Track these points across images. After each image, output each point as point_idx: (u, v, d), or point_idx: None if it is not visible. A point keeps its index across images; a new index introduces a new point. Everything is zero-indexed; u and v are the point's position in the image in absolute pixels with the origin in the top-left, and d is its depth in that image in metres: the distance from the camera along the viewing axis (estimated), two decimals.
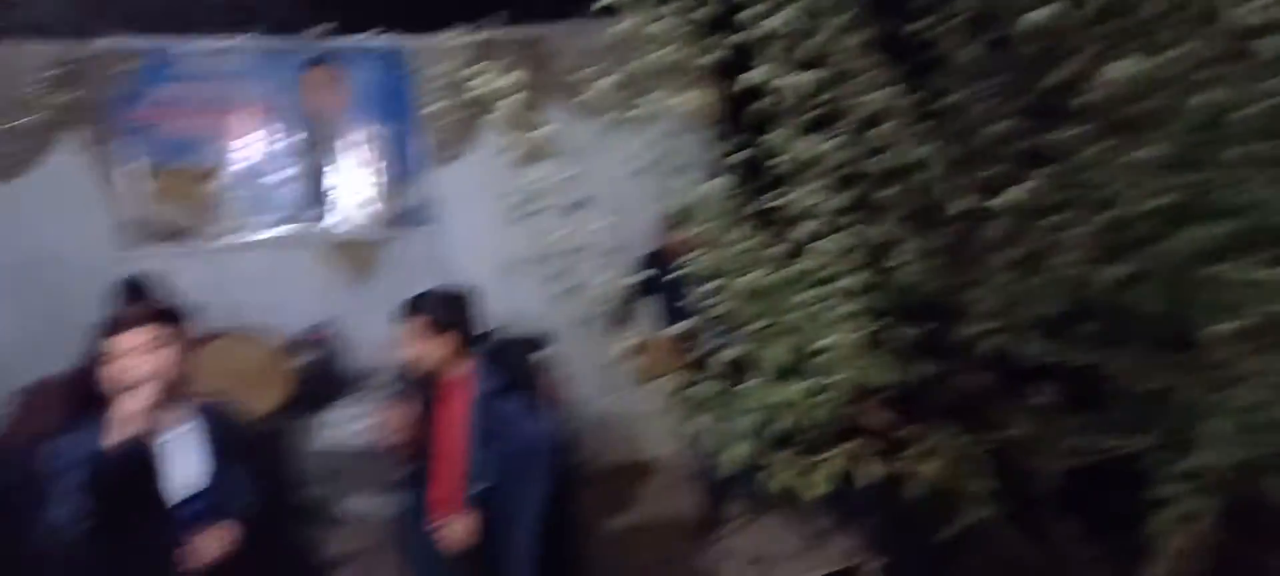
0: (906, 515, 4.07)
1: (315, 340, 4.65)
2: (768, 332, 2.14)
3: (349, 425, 4.51)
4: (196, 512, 2.54)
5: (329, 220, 4.94)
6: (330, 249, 4.96)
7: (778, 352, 2.13)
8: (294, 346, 4.56)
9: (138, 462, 2.38)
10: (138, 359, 2.41)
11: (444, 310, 2.81)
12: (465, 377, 2.80)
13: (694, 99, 2.09)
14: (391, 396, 2.87)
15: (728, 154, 2.14)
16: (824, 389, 2.05)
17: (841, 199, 1.97)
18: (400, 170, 4.98)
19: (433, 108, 4.88)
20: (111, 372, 2.43)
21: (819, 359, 2.07)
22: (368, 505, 4.70)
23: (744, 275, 2.12)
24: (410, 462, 2.93)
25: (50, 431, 3.49)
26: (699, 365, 2.25)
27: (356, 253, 4.97)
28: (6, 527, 3.55)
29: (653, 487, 5.01)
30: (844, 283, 2.02)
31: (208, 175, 4.75)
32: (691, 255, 2.20)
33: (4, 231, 4.53)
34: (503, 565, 2.68)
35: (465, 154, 5.02)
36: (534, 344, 4.37)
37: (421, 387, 2.84)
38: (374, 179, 4.95)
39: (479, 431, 2.73)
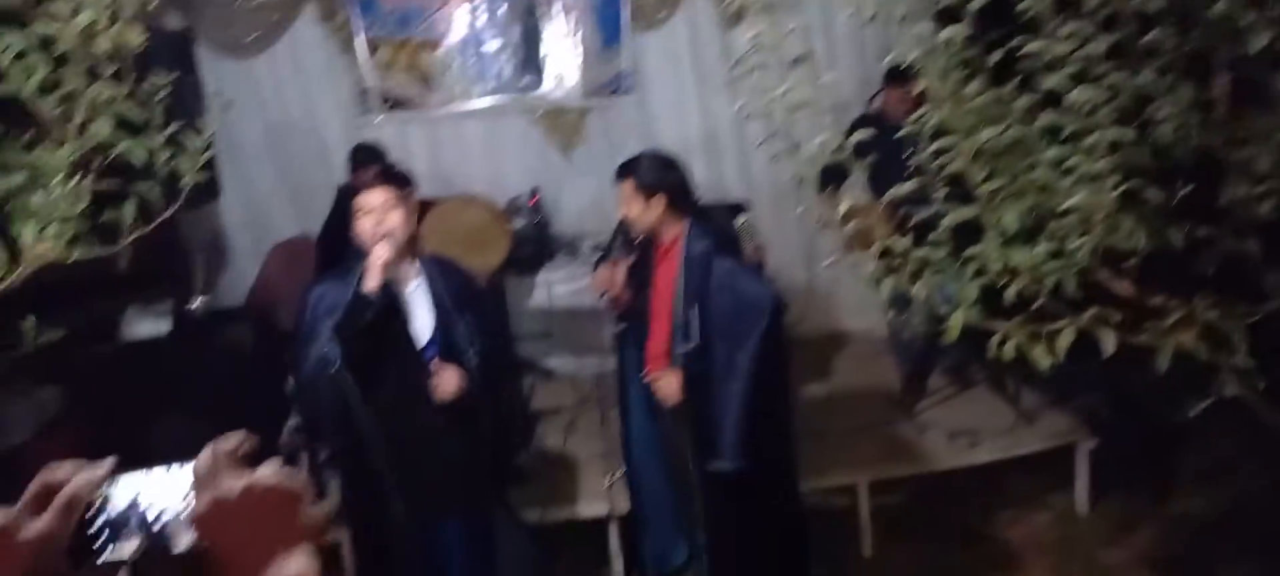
0: (1127, 395, 3.87)
1: (528, 205, 4.86)
2: (1003, 193, 2.02)
3: (557, 287, 4.73)
4: (430, 358, 2.78)
5: (540, 89, 5.07)
6: (541, 116, 5.11)
7: (1013, 215, 2.02)
8: (509, 210, 4.79)
9: (389, 305, 2.62)
10: (382, 215, 2.63)
11: (651, 174, 2.86)
12: (676, 239, 2.86)
13: None
14: (610, 255, 2.98)
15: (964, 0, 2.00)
16: (1065, 253, 1.94)
17: (1099, 44, 1.80)
18: (607, 38, 5.00)
19: None
20: (362, 227, 2.65)
21: (1061, 221, 1.95)
22: (573, 364, 4.98)
23: (979, 132, 2.01)
24: (627, 319, 3.05)
25: (304, 281, 3.89)
26: (921, 229, 2.17)
27: (565, 120, 5.10)
28: (276, 362, 4.03)
29: (849, 357, 4.99)
30: (1094, 138, 1.87)
31: (430, 46, 4.98)
32: (918, 112, 2.10)
33: (255, 100, 4.96)
34: (714, 420, 2.78)
35: (669, 21, 4.98)
36: (735, 210, 4.38)
37: (639, 247, 2.93)
38: (581, 47, 5.01)
39: (689, 290, 2.79)
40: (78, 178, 2.02)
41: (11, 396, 3.80)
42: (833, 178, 2.73)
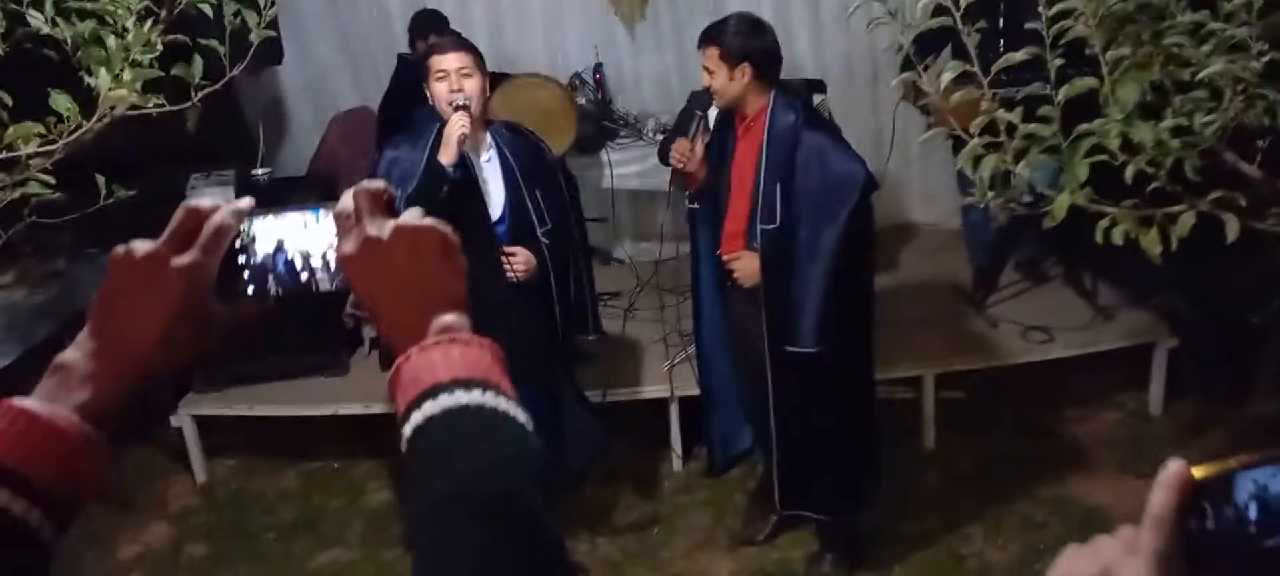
0: (1209, 293, 3.71)
1: (592, 80, 4.72)
2: (1128, 62, 1.87)
3: (619, 167, 4.61)
4: (502, 234, 2.72)
5: None
6: None
7: (1134, 87, 1.87)
8: (571, 86, 4.66)
9: (466, 176, 2.56)
10: (458, 80, 2.54)
11: (739, 39, 2.70)
12: (761, 112, 2.72)
13: None
14: (686, 130, 2.85)
15: None
16: (1194, 129, 1.79)
17: None
18: None
19: None
20: (436, 91, 2.57)
21: (1189, 94, 1.80)
22: (632, 248, 4.92)
23: None
24: (701, 199, 2.95)
25: (365, 152, 3.83)
26: (1029, 104, 2.02)
27: None
28: None
29: (918, 249, 4.85)
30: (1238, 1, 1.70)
31: None
32: None
33: None
34: (793, 303, 2.69)
35: None
36: (811, 86, 4.20)
37: (717, 122, 2.81)
38: None
39: (773, 167, 2.67)
40: (149, 23, 1.96)
41: (82, 261, 3.86)
42: (932, 47, 2.56)
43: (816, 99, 4.08)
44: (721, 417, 3.32)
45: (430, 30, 4.07)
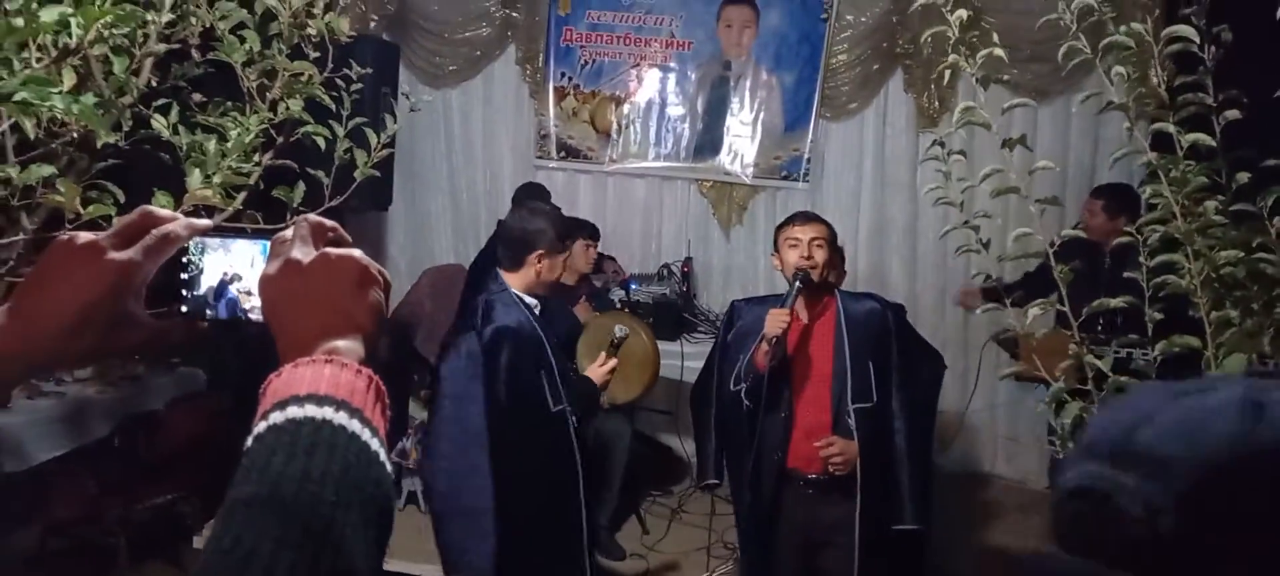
0: None
1: (679, 271, 4.75)
2: (1234, 330, 1.74)
3: (691, 361, 4.55)
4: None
5: (714, 160, 4.98)
6: (709, 188, 5.03)
7: (1242, 357, 1.73)
8: (659, 275, 4.70)
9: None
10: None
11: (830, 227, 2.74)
12: (830, 300, 2.69)
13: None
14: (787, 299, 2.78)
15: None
16: None
17: None
18: (789, 122, 4.88)
19: (839, 58, 4.73)
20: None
21: None
22: (691, 446, 4.76)
23: (1215, 254, 1.75)
24: (759, 396, 2.82)
25: (448, 307, 3.86)
26: (1125, 360, 1.91)
27: (732, 196, 5.00)
28: (404, 381, 3.98)
29: (994, 504, 4.54)
30: None
31: (616, 101, 5.00)
32: (1143, 220, 1.86)
33: (442, 128, 5.15)
34: (894, 481, 2.58)
35: (859, 113, 4.83)
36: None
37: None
38: (762, 127, 4.92)
39: (859, 343, 2.61)
40: (252, 137, 2.04)
41: (159, 368, 3.95)
42: (1024, 285, 2.49)
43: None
44: None
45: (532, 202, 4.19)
